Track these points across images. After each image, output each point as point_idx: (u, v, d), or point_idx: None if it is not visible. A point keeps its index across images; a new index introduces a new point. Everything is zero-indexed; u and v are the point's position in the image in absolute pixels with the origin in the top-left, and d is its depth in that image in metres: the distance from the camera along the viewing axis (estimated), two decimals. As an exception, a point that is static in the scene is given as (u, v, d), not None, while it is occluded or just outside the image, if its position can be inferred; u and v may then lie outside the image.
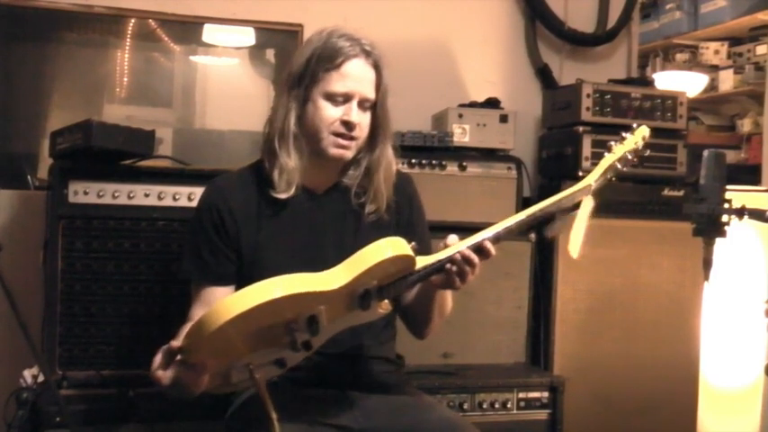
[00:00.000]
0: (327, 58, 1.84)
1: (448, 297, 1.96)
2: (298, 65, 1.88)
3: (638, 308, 2.91)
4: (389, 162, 1.96)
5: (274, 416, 1.59)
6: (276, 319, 1.61)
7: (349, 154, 1.89)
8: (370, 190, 1.93)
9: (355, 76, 1.85)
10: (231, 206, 1.88)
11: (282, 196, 1.87)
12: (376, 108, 1.91)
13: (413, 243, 1.72)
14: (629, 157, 2.05)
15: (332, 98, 1.85)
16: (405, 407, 1.89)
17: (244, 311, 1.53)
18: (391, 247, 1.68)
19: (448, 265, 1.73)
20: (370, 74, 1.88)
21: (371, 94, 1.89)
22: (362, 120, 1.88)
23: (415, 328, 2.02)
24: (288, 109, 1.87)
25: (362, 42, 1.88)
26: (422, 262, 1.73)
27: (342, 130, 1.85)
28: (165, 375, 1.57)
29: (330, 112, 1.85)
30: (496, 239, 1.77)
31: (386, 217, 1.95)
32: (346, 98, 1.85)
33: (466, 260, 1.72)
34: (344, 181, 1.95)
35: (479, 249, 1.74)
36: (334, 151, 1.86)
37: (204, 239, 1.89)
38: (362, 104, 1.88)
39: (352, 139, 1.87)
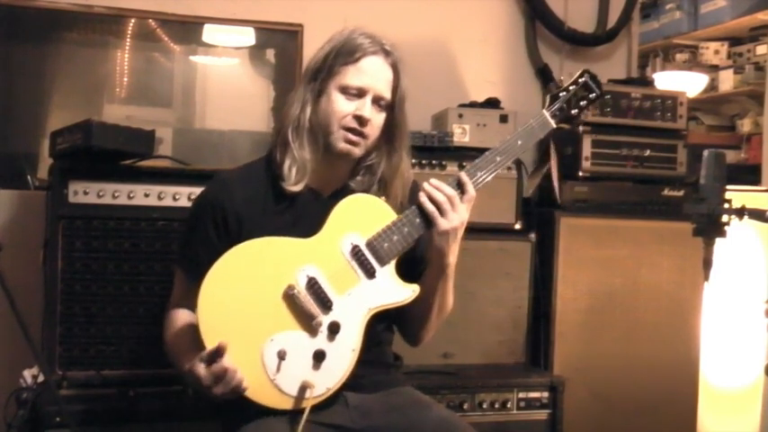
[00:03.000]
0: (346, 52, 1.85)
1: (448, 296, 1.95)
2: (316, 60, 1.89)
3: (638, 308, 2.92)
4: (406, 168, 1.97)
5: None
6: (267, 278, 1.76)
7: (357, 151, 1.88)
8: (381, 193, 1.92)
9: (372, 73, 1.86)
10: (236, 202, 1.87)
11: (294, 189, 1.86)
12: (393, 111, 1.91)
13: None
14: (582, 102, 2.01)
15: (346, 91, 1.85)
16: (402, 406, 1.89)
17: (222, 266, 1.75)
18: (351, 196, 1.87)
19: (427, 204, 1.81)
20: (388, 73, 1.89)
21: (387, 94, 1.89)
22: (375, 118, 1.88)
23: (411, 332, 2.02)
24: (304, 101, 1.88)
25: (383, 42, 1.89)
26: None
27: (353, 124, 1.85)
28: (217, 388, 1.69)
29: (343, 106, 1.85)
30: (470, 174, 1.87)
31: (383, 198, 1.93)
32: (360, 93, 1.86)
33: (437, 189, 1.82)
34: (352, 185, 1.93)
35: (458, 184, 1.85)
36: (342, 146, 1.86)
37: (201, 235, 1.87)
38: (377, 103, 1.88)
39: (362, 135, 1.86)
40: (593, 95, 2.00)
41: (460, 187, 1.85)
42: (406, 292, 1.85)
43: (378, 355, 1.95)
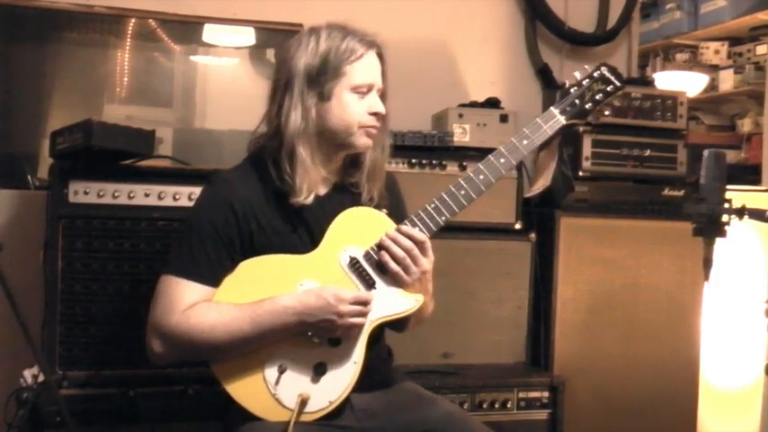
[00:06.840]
0: (348, 50, 1.82)
1: (427, 306, 1.92)
2: (308, 63, 1.82)
3: (638, 308, 2.91)
4: (387, 157, 1.97)
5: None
6: (268, 293, 1.76)
7: (372, 143, 1.90)
8: (370, 184, 1.92)
9: (373, 67, 1.87)
10: (243, 200, 1.83)
11: (306, 202, 1.82)
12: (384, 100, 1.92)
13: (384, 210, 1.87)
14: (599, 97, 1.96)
15: (358, 90, 1.84)
16: (407, 404, 1.90)
17: (225, 284, 1.78)
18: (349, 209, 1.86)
19: (391, 264, 1.78)
20: (380, 64, 1.90)
21: (383, 85, 1.90)
22: None
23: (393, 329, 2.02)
24: (305, 108, 1.82)
25: (368, 33, 1.89)
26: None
27: (372, 121, 1.86)
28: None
29: (358, 106, 1.85)
30: (422, 221, 1.83)
31: (384, 211, 1.92)
32: (369, 89, 1.86)
33: (395, 243, 1.78)
34: (345, 181, 1.93)
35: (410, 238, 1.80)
36: (363, 141, 1.87)
37: (209, 233, 1.81)
38: (380, 95, 1.89)
39: (376, 128, 1.88)
40: (610, 87, 1.94)
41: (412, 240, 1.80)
42: (408, 302, 1.83)
43: (376, 353, 1.93)
